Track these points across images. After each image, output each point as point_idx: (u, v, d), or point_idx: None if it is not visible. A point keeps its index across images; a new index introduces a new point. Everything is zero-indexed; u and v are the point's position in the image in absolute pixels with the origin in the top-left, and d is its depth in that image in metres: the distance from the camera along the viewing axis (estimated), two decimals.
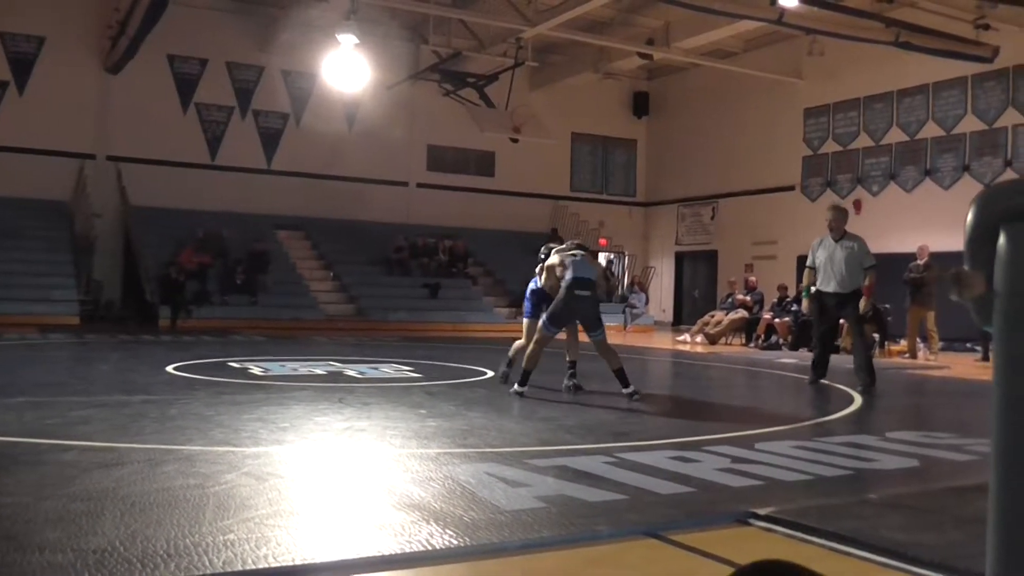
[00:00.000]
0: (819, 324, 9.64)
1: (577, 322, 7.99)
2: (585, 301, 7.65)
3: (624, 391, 7.64)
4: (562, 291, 7.62)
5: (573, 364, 8.19)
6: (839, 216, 9.42)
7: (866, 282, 9.09)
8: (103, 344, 13.03)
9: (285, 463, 4.65)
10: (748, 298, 18.46)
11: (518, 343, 8.51)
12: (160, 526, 3.28)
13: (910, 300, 14.80)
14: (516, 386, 7.67)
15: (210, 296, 18.61)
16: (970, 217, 1.94)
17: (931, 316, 14.64)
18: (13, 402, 6.44)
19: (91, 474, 4.15)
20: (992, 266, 1.88)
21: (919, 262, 14.77)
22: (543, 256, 8.32)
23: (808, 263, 9.54)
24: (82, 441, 4.97)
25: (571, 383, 8.12)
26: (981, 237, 1.90)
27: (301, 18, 19.62)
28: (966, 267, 1.93)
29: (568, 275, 7.64)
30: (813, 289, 9.50)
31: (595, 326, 7.75)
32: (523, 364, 7.77)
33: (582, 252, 7.91)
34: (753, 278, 19.47)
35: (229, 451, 4.82)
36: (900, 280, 14.94)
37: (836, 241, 9.22)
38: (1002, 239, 1.87)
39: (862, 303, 9.08)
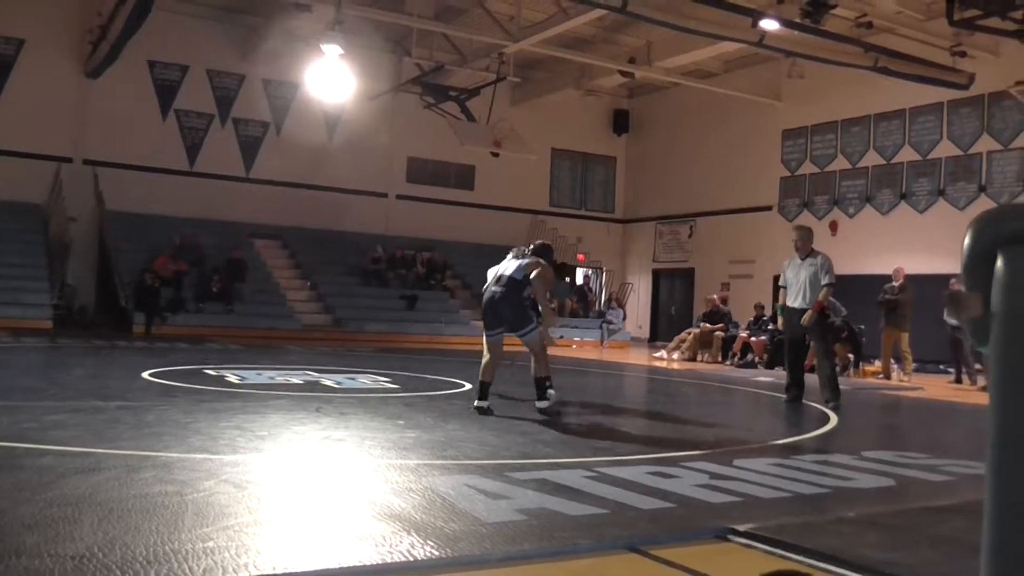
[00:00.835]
0: (788, 343, 9.85)
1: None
2: (495, 297, 7.52)
3: (537, 402, 7.53)
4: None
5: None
6: (802, 236, 9.66)
7: (819, 297, 9.23)
8: (77, 349, 12.91)
9: (264, 471, 4.63)
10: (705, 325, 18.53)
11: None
12: (139, 532, 3.25)
13: (884, 321, 14.93)
14: (476, 401, 7.46)
15: (185, 303, 18.49)
16: (967, 240, 1.98)
17: (904, 337, 14.78)
18: None
19: (68, 479, 4.12)
20: (989, 288, 1.91)
21: (894, 284, 14.91)
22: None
23: (780, 282, 9.80)
24: (58, 446, 4.92)
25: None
26: (978, 260, 1.94)
27: (283, 27, 19.63)
28: (963, 289, 1.97)
29: (490, 276, 7.69)
30: (784, 307, 9.74)
31: (517, 326, 7.56)
32: (479, 376, 7.64)
33: (518, 257, 7.74)
34: (715, 296, 19.64)
35: (207, 458, 4.79)
36: (875, 301, 15.09)
37: (803, 259, 9.47)
38: (999, 262, 1.91)
39: (806, 314, 9.20)
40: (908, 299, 14.62)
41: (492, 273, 7.74)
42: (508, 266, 7.70)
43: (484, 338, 7.66)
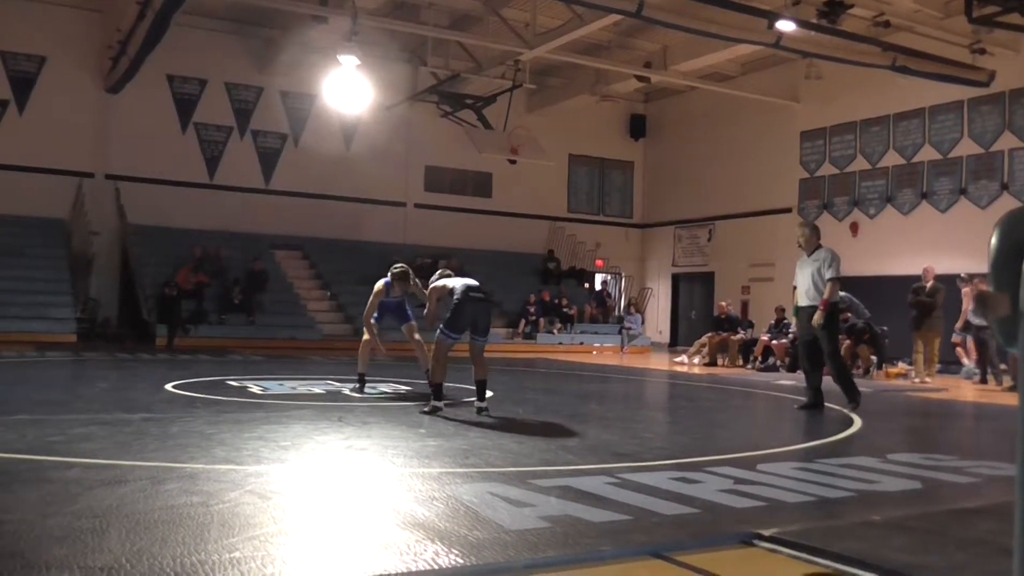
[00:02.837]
0: (801, 344, 9.58)
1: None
2: (482, 303, 7.80)
3: (476, 402, 7.72)
4: (458, 296, 7.71)
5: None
6: (805, 233, 9.39)
7: (824, 295, 8.93)
8: (101, 362, 13.01)
9: (288, 481, 4.65)
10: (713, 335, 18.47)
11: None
12: (166, 544, 3.28)
13: (916, 324, 14.39)
14: (432, 402, 7.70)
15: (207, 315, 18.61)
16: (994, 240, 1.96)
17: (937, 341, 14.44)
18: (14, 419, 6.44)
19: (95, 491, 4.15)
20: (1017, 288, 1.89)
21: (925, 284, 14.51)
22: (435, 277, 8.44)
23: (794, 283, 9.55)
24: (85, 458, 4.96)
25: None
26: (1006, 259, 1.92)
27: (300, 39, 19.75)
28: (991, 289, 1.95)
29: (459, 286, 7.80)
30: (796, 308, 9.48)
31: (486, 332, 7.87)
32: (431, 379, 7.87)
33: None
34: (724, 303, 19.60)
35: (231, 469, 4.82)
36: (902, 303, 14.83)
37: (809, 256, 9.25)
38: None
39: (816, 315, 8.90)
40: (941, 301, 14.27)
41: (457, 283, 7.88)
42: (468, 279, 8.00)
43: (446, 342, 7.69)
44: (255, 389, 9.47)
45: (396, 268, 9.52)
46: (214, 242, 20.39)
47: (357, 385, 9.54)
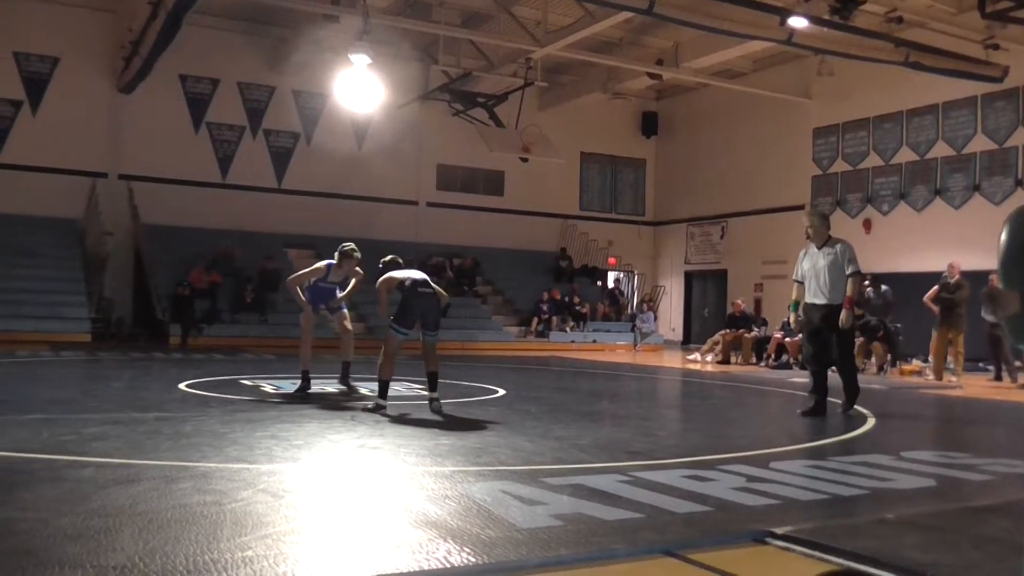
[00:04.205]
0: (808, 343, 8.79)
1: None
2: (428, 298, 7.85)
3: (429, 394, 7.77)
4: (405, 292, 7.77)
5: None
6: (814, 222, 8.67)
7: (847, 291, 8.30)
8: (115, 361, 13.07)
9: (300, 480, 4.66)
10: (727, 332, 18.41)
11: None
12: (178, 542, 3.29)
13: (940, 321, 14.15)
14: (377, 399, 7.66)
15: (220, 314, 18.68)
16: (1003, 237, 1.94)
17: (960, 339, 14.26)
18: (29, 419, 6.48)
19: (108, 490, 4.17)
20: None
21: (949, 280, 14.23)
22: (380, 267, 8.34)
23: (794, 276, 8.84)
24: (98, 458, 4.98)
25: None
26: (1016, 256, 1.90)
27: (311, 38, 19.77)
28: (1000, 286, 1.93)
29: (407, 280, 7.84)
30: (800, 304, 8.76)
31: (435, 326, 7.94)
32: (379, 375, 7.78)
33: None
34: (739, 301, 19.53)
35: (244, 468, 4.84)
36: (916, 300, 14.72)
37: (819, 248, 8.53)
38: None
39: (842, 315, 8.28)
40: (965, 297, 14.00)
41: (405, 276, 7.91)
42: (415, 272, 8.02)
43: (398, 337, 7.84)
44: (268, 388, 9.51)
45: (346, 246, 9.15)
46: (227, 241, 20.46)
47: (302, 384, 8.93)
